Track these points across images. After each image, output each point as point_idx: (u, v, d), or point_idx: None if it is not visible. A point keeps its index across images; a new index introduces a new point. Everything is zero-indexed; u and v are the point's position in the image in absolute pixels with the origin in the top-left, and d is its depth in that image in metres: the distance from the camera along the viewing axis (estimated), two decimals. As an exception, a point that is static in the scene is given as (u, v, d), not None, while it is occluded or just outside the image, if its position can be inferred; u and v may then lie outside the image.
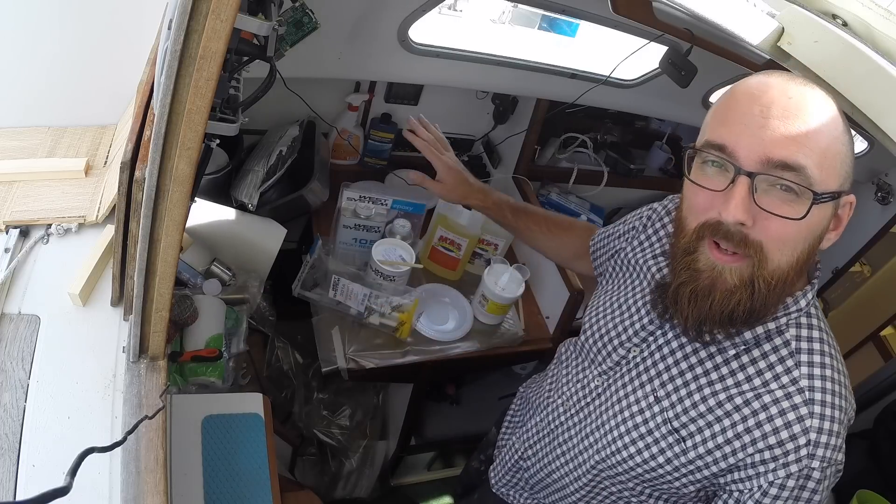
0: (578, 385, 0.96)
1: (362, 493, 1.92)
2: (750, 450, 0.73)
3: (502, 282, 1.54)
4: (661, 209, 0.97)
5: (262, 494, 0.97)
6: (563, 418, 0.97)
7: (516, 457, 1.08)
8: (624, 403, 0.86)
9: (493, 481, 1.15)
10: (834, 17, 0.73)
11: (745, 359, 0.77)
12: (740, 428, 0.74)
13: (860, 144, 1.91)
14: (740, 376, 0.77)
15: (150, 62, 1.01)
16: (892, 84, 0.64)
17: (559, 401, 0.99)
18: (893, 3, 0.71)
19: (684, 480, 0.80)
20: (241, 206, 1.47)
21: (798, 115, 0.64)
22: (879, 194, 1.95)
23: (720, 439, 0.76)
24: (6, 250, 1.03)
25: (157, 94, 0.62)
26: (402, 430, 1.86)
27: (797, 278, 0.72)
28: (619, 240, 1.04)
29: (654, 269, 0.92)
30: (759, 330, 0.75)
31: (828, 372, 0.73)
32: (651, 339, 0.86)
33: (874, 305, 2.16)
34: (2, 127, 1.26)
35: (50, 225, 1.09)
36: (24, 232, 1.07)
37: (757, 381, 0.75)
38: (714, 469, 0.77)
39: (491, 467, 1.17)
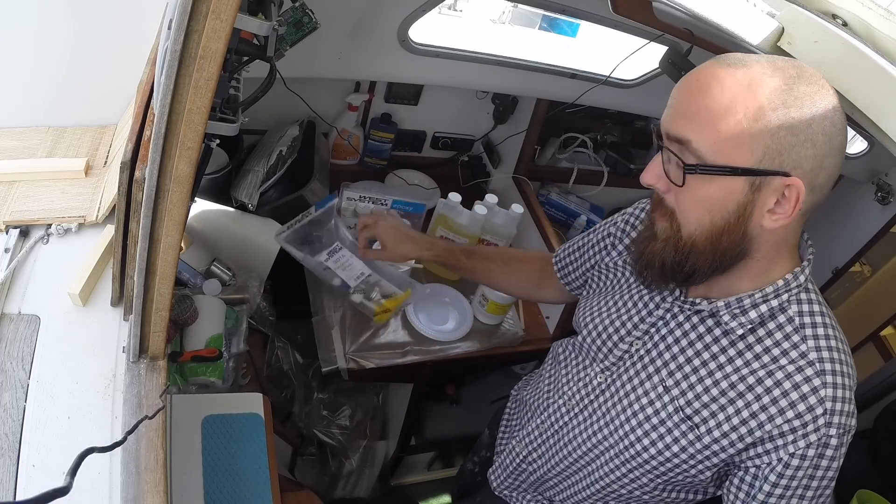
0: (580, 384, 0.96)
1: (362, 493, 1.92)
2: (768, 426, 0.74)
3: (502, 282, 1.54)
4: (638, 212, 0.98)
5: (262, 494, 0.97)
6: (566, 418, 0.97)
7: (518, 460, 1.07)
8: (632, 397, 0.87)
9: (494, 484, 1.14)
10: (834, 17, 0.73)
11: (751, 339, 0.78)
12: (755, 406, 0.75)
13: (860, 144, 1.91)
14: (749, 356, 0.78)
15: (150, 62, 1.01)
16: (892, 84, 0.64)
17: (560, 401, 0.99)
18: (893, 3, 0.71)
19: (700, 467, 0.81)
20: (241, 206, 1.47)
21: (696, 93, 0.69)
22: (879, 194, 1.95)
23: (735, 420, 0.76)
24: (6, 250, 1.03)
25: (157, 94, 0.62)
26: (402, 430, 1.86)
27: (716, 254, 0.74)
28: (593, 249, 1.04)
29: None
30: (763, 309, 0.77)
31: (832, 343, 0.76)
32: (653, 329, 0.87)
33: (874, 305, 2.15)
34: (2, 127, 1.26)
35: (50, 225, 1.09)
36: (24, 232, 1.07)
37: (766, 359, 0.77)
38: (731, 451, 0.77)
39: (490, 470, 1.16)
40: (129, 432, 0.74)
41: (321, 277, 1.32)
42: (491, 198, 1.71)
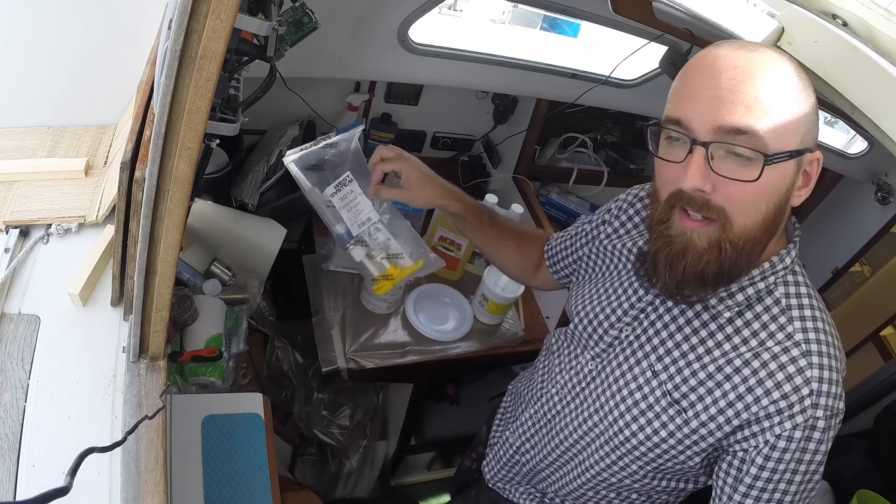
0: (572, 372, 0.96)
1: (362, 493, 1.92)
2: (754, 408, 0.74)
3: (502, 282, 1.54)
4: (632, 198, 0.98)
5: (262, 494, 0.97)
6: (558, 407, 0.97)
7: (511, 451, 1.08)
8: (621, 382, 0.87)
9: (487, 476, 1.15)
10: (834, 17, 0.73)
11: (738, 322, 0.79)
12: (742, 389, 0.75)
13: (860, 144, 1.91)
14: (736, 339, 0.78)
15: (150, 62, 1.01)
16: (892, 84, 0.64)
17: (553, 390, 0.99)
18: (893, 3, 0.71)
19: (689, 453, 0.81)
20: (241, 206, 1.47)
21: (745, 81, 0.67)
22: (879, 194, 1.95)
23: (722, 403, 0.76)
24: (6, 250, 1.03)
25: (157, 94, 0.62)
26: (402, 430, 1.86)
27: (767, 237, 0.74)
28: (587, 237, 1.04)
29: (634, 250, 0.92)
30: (750, 291, 0.77)
31: (819, 325, 0.76)
32: (643, 315, 0.87)
33: (874, 305, 2.15)
34: (2, 127, 1.26)
35: (50, 225, 1.09)
36: (24, 232, 1.07)
37: (753, 342, 0.77)
38: (718, 434, 0.77)
39: (484, 462, 1.17)
40: (129, 432, 0.74)
41: (324, 219, 1.02)
42: (491, 198, 1.71)
